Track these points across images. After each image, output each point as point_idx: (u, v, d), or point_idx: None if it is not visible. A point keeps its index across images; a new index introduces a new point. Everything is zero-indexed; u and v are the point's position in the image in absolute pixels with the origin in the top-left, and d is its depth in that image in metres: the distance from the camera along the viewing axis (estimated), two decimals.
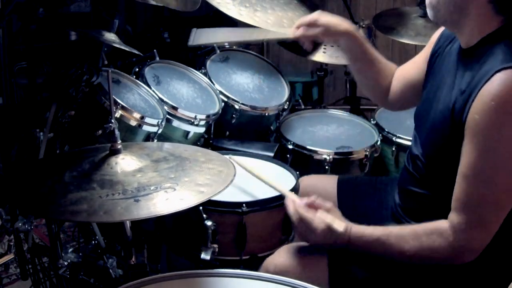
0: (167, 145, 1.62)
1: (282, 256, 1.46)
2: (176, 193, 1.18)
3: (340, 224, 1.35)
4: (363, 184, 1.74)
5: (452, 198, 1.26)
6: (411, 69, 1.60)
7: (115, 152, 1.31)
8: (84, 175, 1.26)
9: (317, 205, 1.40)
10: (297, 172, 1.80)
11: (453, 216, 1.25)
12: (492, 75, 1.17)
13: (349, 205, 1.66)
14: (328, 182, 1.75)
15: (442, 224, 1.26)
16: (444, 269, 1.32)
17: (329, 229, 1.34)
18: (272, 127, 2.50)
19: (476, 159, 1.20)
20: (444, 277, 1.33)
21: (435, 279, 1.34)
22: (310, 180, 1.81)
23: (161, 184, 1.21)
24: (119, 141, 1.32)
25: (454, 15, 1.27)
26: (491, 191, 1.20)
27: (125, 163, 1.29)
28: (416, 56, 1.60)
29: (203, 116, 2.09)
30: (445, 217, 1.29)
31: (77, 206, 1.13)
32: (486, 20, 1.24)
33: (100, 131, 1.77)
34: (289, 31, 1.66)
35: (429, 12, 1.32)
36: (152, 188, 1.19)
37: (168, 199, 1.16)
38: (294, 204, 1.41)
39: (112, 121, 1.32)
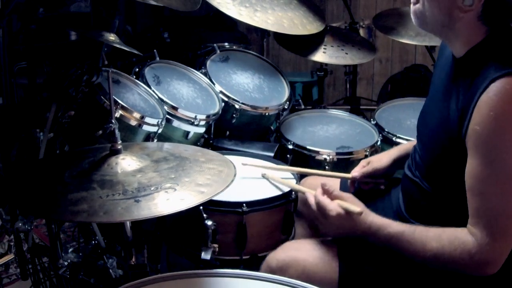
0: (167, 145, 1.62)
1: (284, 251, 1.47)
2: (176, 193, 1.18)
3: (355, 207, 1.34)
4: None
5: (469, 212, 1.24)
6: None
7: (115, 152, 1.31)
8: (84, 175, 1.26)
9: (335, 196, 1.40)
10: None
11: (475, 231, 1.23)
12: (488, 85, 1.16)
13: None
14: (331, 183, 1.75)
15: (466, 236, 1.24)
16: (458, 274, 1.31)
17: (346, 213, 1.34)
18: (272, 127, 2.50)
19: (484, 171, 1.19)
20: (454, 279, 1.33)
21: (444, 279, 1.34)
22: (313, 180, 1.81)
23: (162, 184, 1.21)
24: (119, 141, 1.32)
25: (443, 29, 1.30)
26: (504, 201, 1.19)
27: (125, 163, 1.29)
28: None
29: (203, 116, 2.09)
30: (448, 220, 1.28)
31: (77, 206, 1.13)
32: (473, 33, 1.26)
33: (100, 131, 1.77)
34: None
35: (413, 19, 1.33)
36: (152, 188, 1.19)
37: (169, 199, 1.16)
38: (314, 194, 1.42)
39: (112, 121, 1.32)
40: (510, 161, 1.17)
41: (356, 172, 1.70)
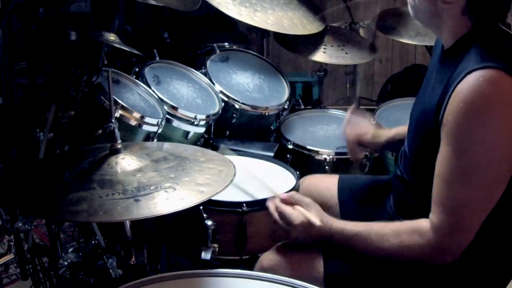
0: (167, 145, 1.62)
1: (275, 252, 1.47)
2: (176, 192, 1.18)
3: (315, 218, 1.35)
4: (364, 183, 1.74)
5: (432, 200, 1.26)
6: None
7: (115, 152, 1.31)
8: (84, 175, 1.26)
9: (295, 201, 1.40)
10: (297, 172, 1.80)
11: (433, 217, 1.25)
12: (464, 77, 1.17)
13: (350, 204, 1.67)
14: (329, 181, 1.76)
15: (423, 224, 1.27)
16: (438, 269, 1.32)
17: (308, 223, 1.35)
18: (272, 127, 2.50)
19: (450, 161, 1.20)
20: (438, 278, 1.33)
21: (429, 279, 1.34)
22: (312, 180, 1.81)
23: (161, 183, 1.21)
24: (119, 141, 1.32)
25: (432, 20, 1.32)
26: (467, 193, 1.20)
27: (125, 163, 1.29)
28: None
29: (203, 116, 2.09)
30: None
31: (77, 206, 1.13)
32: (459, 25, 1.27)
33: (100, 131, 1.77)
34: None
35: (410, 10, 1.36)
36: (152, 187, 1.19)
37: (168, 199, 1.16)
38: (274, 202, 1.42)
39: (112, 121, 1.32)
40: (476, 154, 1.18)
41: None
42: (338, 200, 1.70)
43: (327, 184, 1.75)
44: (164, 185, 1.21)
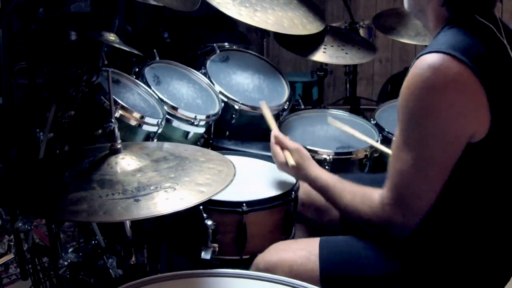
0: (167, 145, 1.62)
1: (272, 252, 1.48)
2: (176, 192, 1.18)
3: (291, 160, 1.59)
4: (364, 182, 1.74)
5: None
6: None
7: (115, 151, 1.31)
8: (84, 175, 1.26)
9: (285, 144, 1.64)
10: None
11: (384, 191, 1.29)
12: (414, 62, 1.22)
13: None
14: None
15: (374, 195, 1.32)
16: (435, 269, 1.32)
17: (285, 163, 1.60)
18: None
19: (399, 137, 1.26)
20: (437, 278, 1.33)
21: (428, 279, 1.34)
22: None
23: (161, 183, 1.21)
24: (119, 141, 1.32)
25: (419, 14, 1.37)
26: (407, 171, 1.23)
27: (125, 163, 1.29)
28: None
29: (203, 117, 2.09)
30: (431, 216, 1.29)
31: (77, 206, 1.13)
32: (439, 17, 1.30)
33: (100, 131, 1.77)
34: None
35: (404, 3, 1.40)
36: (152, 187, 1.19)
37: (168, 199, 1.16)
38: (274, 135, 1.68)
39: (112, 121, 1.32)
40: (415, 131, 1.21)
41: None
42: None
43: None
44: (164, 185, 1.21)
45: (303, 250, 1.44)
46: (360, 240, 1.43)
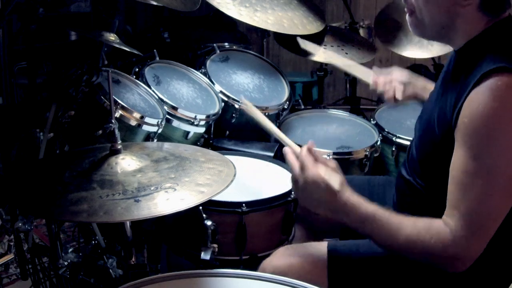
0: (167, 145, 1.62)
1: (279, 257, 1.46)
2: (176, 193, 1.18)
3: (336, 181, 1.25)
4: (362, 183, 1.74)
5: (447, 203, 1.22)
6: None
7: (115, 152, 1.31)
8: (84, 175, 1.26)
9: (320, 161, 1.31)
10: None
11: (451, 222, 1.20)
12: (480, 79, 1.15)
13: None
14: None
15: (442, 226, 1.21)
16: (443, 274, 1.31)
17: (326, 184, 1.25)
18: None
19: (468, 164, 1.17)
20: (443, 282, 1.33)
21: (435, 283, 1.34)
22: None
23: (161, 184, 1.21)
24: (119, 141, 1.32)
25: (442, 31, 1.28)
26: (486, 197, 1.17)
27: (125, 163, 1.29)
28: None
29: (203, 116, 2.09)
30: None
31: (77, 206, 1.13)
32: (473, 25, 1.24)
33: (100, 131, 1.77)
34: (371, 79, 1.81)
35: (412, 30, 1.32)
36: (152, 188, 1.19)
37: (169, 199, 1.16)
38: (295, 151, 1.36)
39: (112, 121, 1.32)
40: (494, 158, 1.15)
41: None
42: None
43: None
44: (164, 185, 1.21)
45: (310, 256, 1.43)
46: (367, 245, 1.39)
